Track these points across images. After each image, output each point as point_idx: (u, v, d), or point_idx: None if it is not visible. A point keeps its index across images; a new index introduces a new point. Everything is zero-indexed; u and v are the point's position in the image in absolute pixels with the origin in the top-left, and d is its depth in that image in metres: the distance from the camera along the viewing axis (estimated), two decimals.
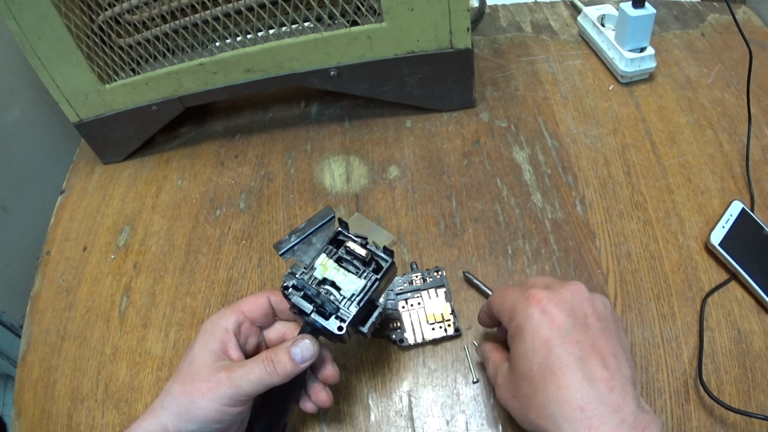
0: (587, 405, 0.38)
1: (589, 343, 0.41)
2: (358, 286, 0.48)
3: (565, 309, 0.42)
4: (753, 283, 0.58)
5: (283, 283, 0.49)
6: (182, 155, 0.82)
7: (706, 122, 0.73)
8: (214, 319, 0.49)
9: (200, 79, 0.73)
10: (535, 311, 0.42)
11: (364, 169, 0.75)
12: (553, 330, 0.41)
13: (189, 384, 0.45)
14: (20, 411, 0.63)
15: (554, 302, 0.42)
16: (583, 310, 0.43)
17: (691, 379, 0.54)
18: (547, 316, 0.42)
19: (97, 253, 0.74)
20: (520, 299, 0.44)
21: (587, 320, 0.42)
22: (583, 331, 0.41)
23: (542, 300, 0.43)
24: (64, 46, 0.70)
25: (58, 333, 0.67)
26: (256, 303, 0.50)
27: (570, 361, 0.40)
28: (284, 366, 0.45)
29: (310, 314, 0.48)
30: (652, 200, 0.66)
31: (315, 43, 0.68)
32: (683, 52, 0.82)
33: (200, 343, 0.47)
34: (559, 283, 0.46)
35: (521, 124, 0.76)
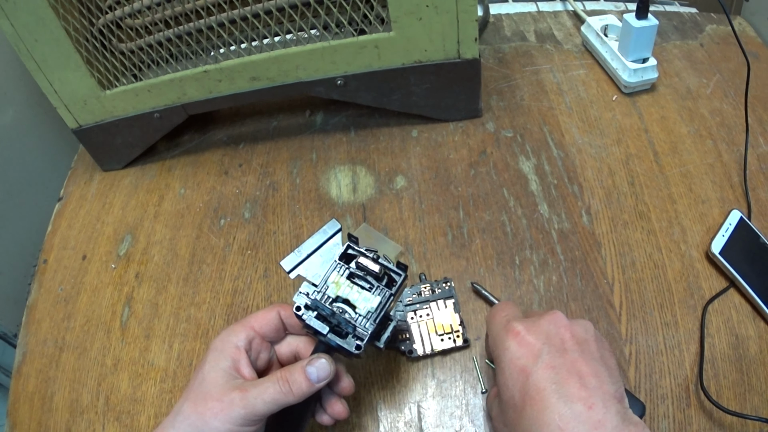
0: (566, 424, 0.40)
1: (566, 367, 0.43)
2: (373, 304, 0.49)
3: (540, 337, 0.45)
4: (750, 290, 0.61)
5: (294, 304, 0.49)
6: (185, 163, 0.84)
7: (706, 132, 0.76)
8: (223, 337, 0.49)
9: (204, 87, 0.74)
10: (512, 343, 0.45)
11: (370, 179, 0.77)
12: (529, 358, 0.44)
13: (201, 404, 0.45)
14: (14, 424, 0.64)
15: (531, 332, 0.46)
16: (560, 336, 0.45)
17: (692, 385, 0.57)
18: (524, 347, 0.45)
19: (97, 262, 0.75)
20: (501, 332, 0.47)
21: (564, 345, 0.45)
22: (560, 355, 0.44)
23: (520, 332, 0.46)
24: (63, 50, 0.70)
25: (56, 344, 0.68)
26: (265, 318, 0.51)
27: (546, 385, 0.42)
28: (300, 386, 0.46)
29: (327, 335, 0.48)
30: (656, 210, 0.69)
31: (322, 52, 0.70)
32: (683, 63, 0.85)
33: (210, 361, 0.48)
34: (538, 313, 0.49)
35: (527, 134, 0.78)
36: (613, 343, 0.60)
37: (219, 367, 0.47)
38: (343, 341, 0.48)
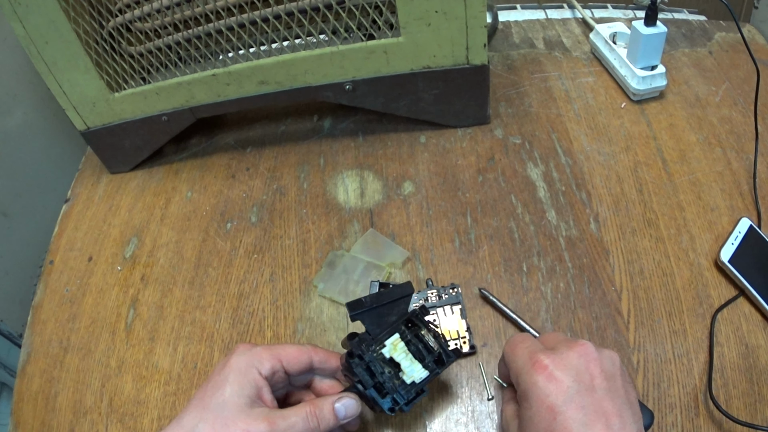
0: None
1: (594, 407, 0.42)
2: (421, 376, 0.51)
3: (570, 374, 0.43)
4: (760, 298, 0.60)
5: (349, 348, 0.51)
6: (192, 167, 0.84)
7: (715, 140, 0.76)
8: (248, 360, 0.48)
9: (213, 91, 0.74)
10: (540, 378, 0.43)
11: (378, 185, 0.77)
12: (558, 396, 0.42)
13: (222, 429, 0.45)
14: (18, 423, 0.63)
15: (560, 368, 0.44)
16: (590, 372, 0.44)
17: (701, 394, 0.56)
18: (552, 383, 0.43)
19: (103, 264, 0.74)
20: (527, 365, 0.45)
21: (593, 382, 0.43)
22: (589, 395, 0.42)
23: (548, 367, 0.44)
24: (72, 52, 0.70)
25: (60, 344, 0.68)
26: (297, 357, 0.50)
27: (573, 427, 0.41)
28: (327, 422, 0.47)
29: (368, 388, 0.50)
30: (664, 217, 0.69)
31: (330, 57, 0.70)
32: (692, 70, 0.85)
33: (233, 383, 0.47)
34: (566, 343, 0.47)
35: (535, 141, 0.78)
36: (620, 351, 0.59)
37: (243, 393, 0.47)
38: (380, 398, 0.50)
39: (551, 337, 0.50)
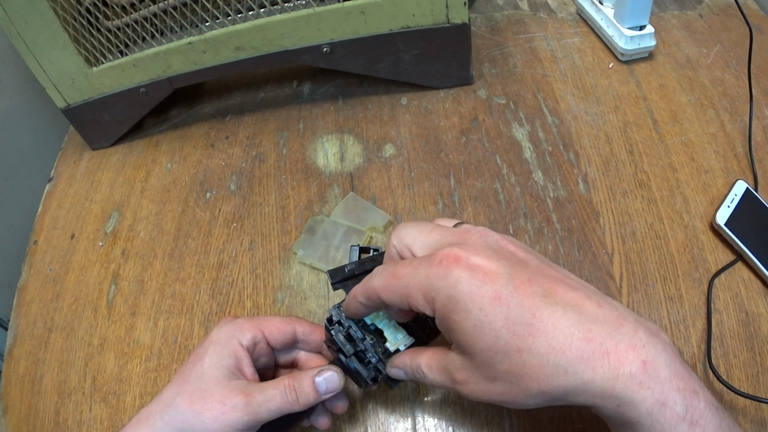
0: (589, 333, 0.30)
1: (540, 275, 0.32)
2: (406, 343, 0.42)
3: (489, 254, 0.32)
4: (759, 263, 0.53)
5: (328, 315, 0.44)
6: (172, 138, 0.77)
7: (708, 101, 0.68)
8: (229, 331, 0.43)
9: (189, 59, 0.67)
10: (461, 273, 0.32)
11: (358, 148, 0.69)
12: (495, 281, 0.31)
13: (199, 402, 0.39)
14: (6, 407, 0.58)
15: (475, 253, 0.32)
16: (506, 248, 0.34)
17: (700, 363, 0.49)
18: (478, 272, 0.31)
19: (85, 241, 0.68)
20: (431, 271, 0.33)
21: (517, 256, 0.34)
22: (523, 266, 0.33)
23: (459, 257, 0.32)
24: (51, 30, 0.64)
25: (45, 325, 0.62)
26: (280, 329, 0.45)
27: (538, 303, 0.31)
28: (307, 396, 0.41)
29: (349, 356, 0.42)
30: (656, 179, 0.61)
31: (307, 19, 0.63)
32: (682, 33, 0.77)
33: (212, 355, 0.42)
34: (450, 233, 0.36)
35: (520, 101, 0.70)
36: None
37: (222, 365, 0.41)
38: (362, 368, 0.42)
39: (420, 236, 0.37)
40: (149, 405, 0.41)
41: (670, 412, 0.30)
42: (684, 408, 0.30)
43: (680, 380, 0.30)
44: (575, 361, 0.30)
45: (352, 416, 0.50)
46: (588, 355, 0.30)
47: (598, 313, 0.31)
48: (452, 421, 0.49)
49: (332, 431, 0.50)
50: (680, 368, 0.31)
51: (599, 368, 0.30)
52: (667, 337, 0.33)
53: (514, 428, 0.47)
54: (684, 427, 0.30)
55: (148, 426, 0.40)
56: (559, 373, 0.30)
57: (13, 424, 0.57)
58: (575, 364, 0.30)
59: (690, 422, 0.30)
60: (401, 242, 0.38)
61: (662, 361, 0.30)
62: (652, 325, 0.33)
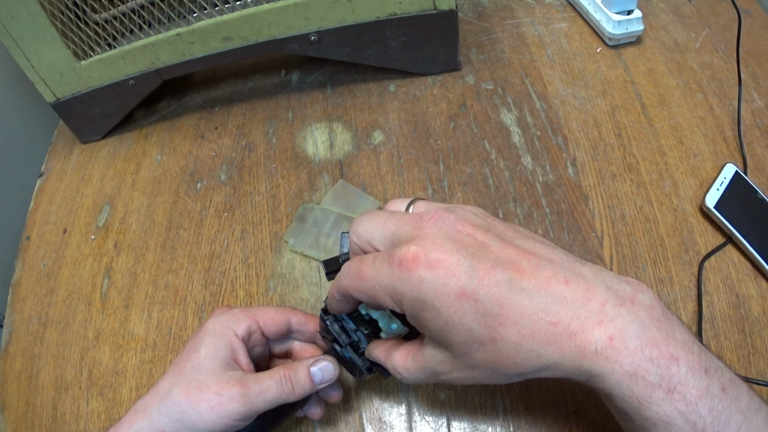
0: (556, 316, 0.30)
1: (502, 259, 0.31)
2: (400, 332, 0.41)
3: (448, 247, 0.31)
4: (749, 246, 0.53)
5: (323, 305, 0.43)
6: (161, 129, 0.76)
7: (696, 85, 0.67)
8: (223, 321, 0.43)
9: (177, 50, 0.66)
10: (424, 273, 0.31)
11: (347, 136, 0.68)
12: (458, 277, 0.30)
13: (195, 393, 0.39)
14: (4, 405, 0.57)
15: (433, 248, 0.31)
16: (464, 232, 0.33)
17: None
18: (440, 270, 0.31)
19: (77, 235, 0.67)
20: (393, 272, 0.32)
21: (477, 239, 0.32)
22: (485, 253, 0.32)
23: (418, 256, 0.31)
24: (39, 24, 0.63)
25: (39, 320, 0.62)
26: (274, 319, 0.44)
27: (503, 293, 0.30)
28: (302, 387, 0.41)
29: (344, 346, 0.42)
30: (645, 162, 0.61)
31: (294, 8, 0.62)
32: (670, 17, 0.76)
33: (207, 346, 0.41)
34: (405, 222, 0.34)
35: (508, 86, 0.69)
36: None
37: (218, 356, 0.41)
38: (357, 357, 0.42)
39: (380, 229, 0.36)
40: (145, 396, 0.41)
41: (643, 382, 0.29)
42: (658, 376, 0.29)
43: (654, 348, 0.30)
44: (545, 344, 0.30)
45: (346, 403, 0.50)
46: (555, 337, 0.30)
47: (564, 292, 0.31)
48: (446, 406, 0.48)
49: (327, 418, 0.49)
50: (656, 335, 0.30)
51: (566, 349, 0.30)
52: (646, 296, 0.32)
53: (508, 412, 0.47)
54: (660, 394, 0.29)
55: (144, 417, 0.40)
56: (531, 356, 0.31)
57: (12, 420, 0.56)
58: (545, 347, 0.30)
59: (667, 389, 0.29)
60: (360, 239, 0.37)
61: (632, 332, 0.30)
62: (626, 288, 0.32)
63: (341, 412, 0.49)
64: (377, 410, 0.49)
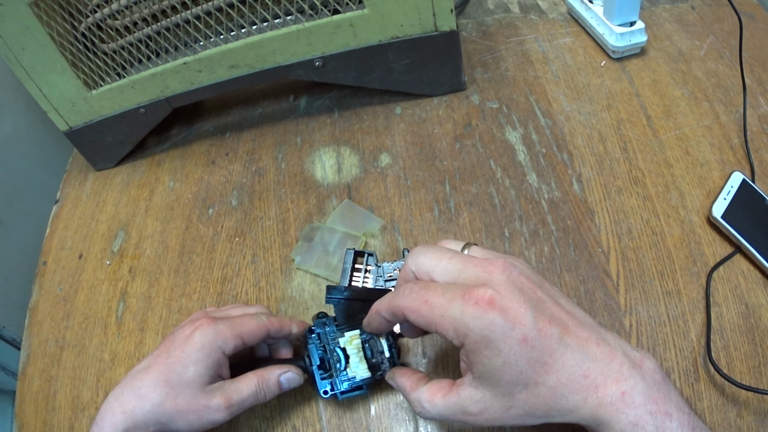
0: (587, 370, 0.36)
1: (555, 316, 0.37)
2: (363, 376, 0.49)
3: (517, 297, 0.36)
4: (758, 254, 0.54)
5: (311, 325, 0.52)
6: (173, 156, 0.79)
7: (702, 94, 0.69)
8: (212, 338, 0.47)
9: (185, 79, 0.69)
10: (495, 317, 0.35)
11: (355, 159, 0.71)
12: (524, 324, 0.36)
13: (184, 405, 0.45)
14: (22, 425, 0.60)
15: (505, 296, 0.36)
16: (527, 285, 0.38)
17: (700, 357, 0.50)
18: (510, 316, 0.35)
19: (93, 260, 0.71)
20: (465, 309, 0.36)
21: (536, 294, 0.38)
22: (543, 307, 0.37)
23: (493, 300, 0.36)
24: (48, 55, 0.67)
25: (56, 343, 0.65)
26: (256, 334, 0.49)
27: (553, 346, 0.36)
28: (272, 392, 0.48)
29: (313, 366, 0.50)
30: (651, 175, 0.62)
31: (297, 35, 0.65)
32: (674, 26, 0.77)
33: (197, 364, 0.46)
34: (473, 264, 0.39)
35: (513, 104, 0.72)
36: (611, 314, 0.53)
37: (207, 374, 0.46)
38: (320, 381, 0.50)
39: (444, 263, 0.40)
40: (123, 396, 0.46)
41: (641, 431, 0.36)
42: (654, 427, 0.36)
43: (653, 404, 0.36)
44: (574, 392, 0.37)
45: (356, 421, 0.52)
46: (584, 388, 0.36)
47: (596, 352, 0.37)
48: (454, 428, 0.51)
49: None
50: (656, 394, 0.37)
51: (589, 398, 0.36)
52: (651, 362, 0.38)
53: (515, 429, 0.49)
54: None
55: (131, 420, 0.44)
56: (561, 401, 0.37)
57: None
58: (573, 395, 0.37)
59: None
60: (420, 268, 0.41)
61: (639, 390, 0.37)
62: (636, 355, 0.38)
63: (350, 429, 0.52)
64: (386, 429, 0.51)
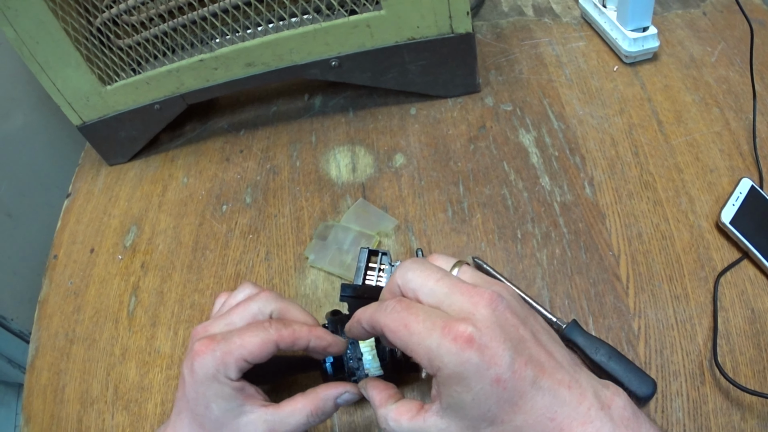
0: (554, 414, 0.36)
1: (533, 357, 0.37)
2: (375, 374, 0.48)
3: (498, 334, 0.36)
4: (765, 261, 0.55)
5: (324, 323, 0.50)
6: (187, 153, 0.80)
7: (712, 100, 0.70)
8: (214, 372, 0.42)
9: (201, 76, 0.71)
10: (472, 355, 0.35)
11: (369, 159, 0.72)
12: (500, 365, 0.35)
13: None
14: (29, 418, 0.61)
15: (486, 333, 0.35)
16: (511, 322, 0.37)
17: (707, 361, 0.51)
18: (487, 356, 0.35)
19: (105, 255, 0.72)
20: (443, 342, 0.35)
21: (519, 332, 0.37)
22: (522, 347, 0.36)
23: (472, 339, 0.35)
24: (63, 50, 0.68)
25: (66, 336, 0.66)
26: (262, 351, 0.43)
27: (526, 388, 0.35)
28: (328, 415, 0.45)
29: (326, 363, 0.49)
30: (661, 180, 0.63)
31: (314, 34, 0.66)
32: (686, 32, 0.79)
33: (214, 399, 0.42)
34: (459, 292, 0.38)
35: (526, 107, 0.73)
36: (621, 317, 0.55)
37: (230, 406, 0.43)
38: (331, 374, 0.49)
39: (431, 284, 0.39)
40: None
41: None
42: None
43: None
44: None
45: (366, 419, 0.53)
46: (548, 430, 0.36)
47: (566, 395, 0.36)
48: None
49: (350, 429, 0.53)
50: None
51: None
52: (621, 399, 0.38)
53: None
54: None
55: None
56: None
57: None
58: None
59: None
60: (406, 285, 0.40)
61: (606, 431, 0.36)
62: (608, 394, 0.38)
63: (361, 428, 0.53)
64: None
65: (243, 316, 0.45)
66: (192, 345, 0.43)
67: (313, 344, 0.45)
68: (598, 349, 0.51)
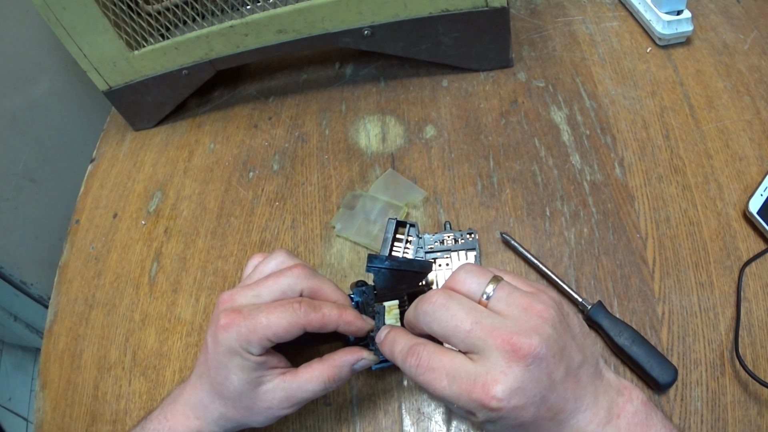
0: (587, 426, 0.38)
1: (558, 403, 0.38)
2: None
3: (528, 395, 0.37)
4: None
5: (351, 293, 0.50)
6: (215, 119, 0.80)
7: (744, 88, 0.70)
8: (237, 346, 0.42)
9: (231, 42, 0.71)
10: (504, 412, 0.36)
11: (399, 129, 0.73)
12: (523, 417, 0.37)
13: (242, 409, 0.45)
14: (45, 383, 0.62)
15: (517, 393, 0.36)
16: (546, 371, 0.37)
17: (727, 352, 0.51)
18: (515, 410, 0.36)
19: (128, 220, 0.72)
20: (472, 398, 0.37)
21: (551, 376, 0.37)
22: (548, 394, 0.37)
23: (502, 401, 0.36)
24: (90, 15, 0.68)
25: (86, 302, 0.67)
26: (288, 331, 0.43)
27: (566, 405, 0.38)
28: (345, 381, 0.46)
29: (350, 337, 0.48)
30: (691, 165, 0.63)
31: (348, 2, 0.66)
32: (719, 18, 0.78)
33: (235, 371, 0.43)
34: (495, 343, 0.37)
35: (559, 84, 0.73)
36: (645, 300, 0.55)
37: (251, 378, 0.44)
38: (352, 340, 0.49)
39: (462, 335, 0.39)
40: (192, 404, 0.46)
41: None
42: None
43: None
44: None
45: (386, 393, 0.54)
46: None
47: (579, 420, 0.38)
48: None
49: (366, 407, 0.54)
50: None
51: None
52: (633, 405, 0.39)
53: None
54: None
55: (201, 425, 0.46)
56: None
57: (51, 398, 0.61)
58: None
59: None
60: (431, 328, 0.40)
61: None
62: (620, 404, 0.39)
63: (381, 401, 0.54)
64: (416, 401, 0.53)
65: (272, 290, 0.45)
66: (218, 314, 0.44)
67: (341, 329, 0.45)
68: (622, 333, 0.51)
